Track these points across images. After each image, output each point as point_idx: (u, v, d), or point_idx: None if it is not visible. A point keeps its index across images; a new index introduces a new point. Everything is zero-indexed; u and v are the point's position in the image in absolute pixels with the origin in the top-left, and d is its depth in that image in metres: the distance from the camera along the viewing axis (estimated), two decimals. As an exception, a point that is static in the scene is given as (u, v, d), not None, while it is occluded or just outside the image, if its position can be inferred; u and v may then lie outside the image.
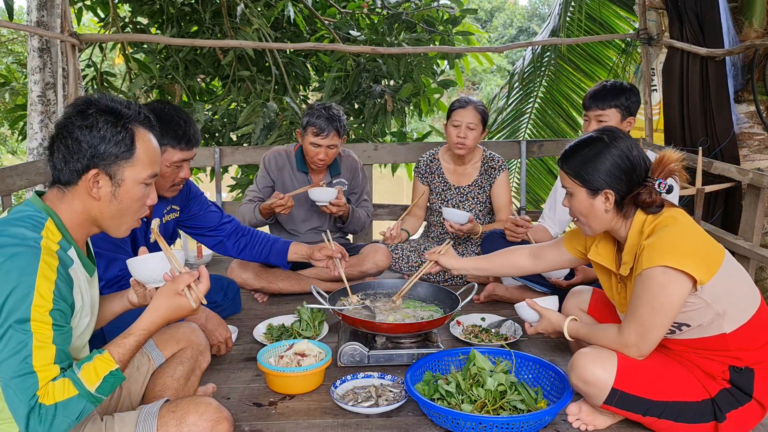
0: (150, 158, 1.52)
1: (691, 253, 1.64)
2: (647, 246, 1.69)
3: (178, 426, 1.49)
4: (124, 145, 1.47)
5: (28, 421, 1.27)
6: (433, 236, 3.49)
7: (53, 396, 1.30)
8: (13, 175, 3.01)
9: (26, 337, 1.29)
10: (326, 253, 2.57)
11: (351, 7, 5.84)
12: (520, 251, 2.28)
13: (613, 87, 2.71)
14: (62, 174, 1.46)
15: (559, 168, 1.86)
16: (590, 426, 1.88)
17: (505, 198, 3.34)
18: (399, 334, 2.32)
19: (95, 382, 1.35)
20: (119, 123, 1.46)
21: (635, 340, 1.74)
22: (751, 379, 1.73)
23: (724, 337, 1.72)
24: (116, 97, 1.52)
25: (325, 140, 2.99)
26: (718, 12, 3.57)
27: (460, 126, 3.17)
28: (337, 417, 1.97)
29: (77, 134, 1.43)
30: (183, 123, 2.18)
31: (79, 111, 1.46)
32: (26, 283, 1.30)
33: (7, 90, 5.33)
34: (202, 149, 4.23)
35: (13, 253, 1.32)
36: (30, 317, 1.29)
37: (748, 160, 3.74)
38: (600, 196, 1.78)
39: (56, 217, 1.45)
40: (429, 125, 6.23)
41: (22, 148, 10.15)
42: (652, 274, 1.66)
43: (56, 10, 3.57)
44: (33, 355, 1.29)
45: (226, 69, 5.23)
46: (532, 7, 25.86)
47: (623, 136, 1.80)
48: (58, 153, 1.45)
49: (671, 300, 1.65)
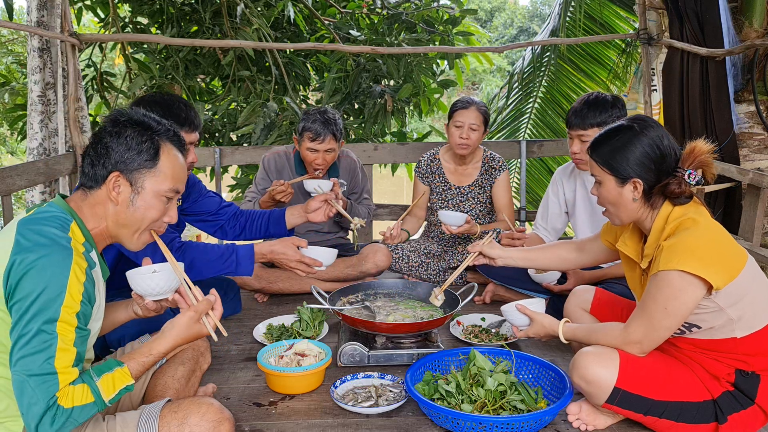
0: (173, 173, 1.57)
1: (709, 258, 1.63)
2: (666, 247, 1.67)
3: (180, 426, 1.49)
4: (147, 154, 1.53)
5: (42, 419, 1.29)
6: (433, 236, 3.50)
7: (72, 399, 1.33)
8: (13, 175, 3.01)
9: (52, 337, 1.32)
10: (320, 198, 2.53)
11: (351, 7, 5.84)
12: (566, 244, 2.26)
13: (596, 103, 2.56)
14: (88, 178, 1.53)
15: (589, 156, 1.85)
16: (590, 426, 1.88)
17: (506, 198, 3.34)
18: (399, 334, 2.32)
19: (111, 393, 1.40)
20: (146, 133, 1.54)
21: (640, 338, 1.73)
22: (756, 384, 1.72)
23: (735, 341, 1.71)
24: (149, 114, 1.60)
25: (322, 145, 2.98)
26: (718, 12, 3.57)
27: (462, 126, 3.17)
28: (337, 417, 1.97)
29: (107, 140, 1.52)
30: (184, 107, 2.25)
31: (112, 120, 1.55)
32: (59, 283, 1.34)
33: (7, 90, 5.32)
34: (202, 149, 4.23)
35: (48, 252, 1.35)
36: (59, 317, 1.33)
37: (748, 160, 3.74)
38: (629, 185, 1.77)
39: (79, 220, 1.50)
40: (429, 125, 6.23)
41: (21, 149, 10.15)
42: (669, 277, 1.65)
43: (56, 10, 3.57)
44: (56, 356, 1.32)
45: (226, 69, 5.23)
46: (532, 7, 25.87)
47: (654, 125, 1.79)
48: (88, 158, 1.53)
49: (685, 304, 1.65)
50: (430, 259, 3.32)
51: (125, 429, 1.49)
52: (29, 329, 1.30)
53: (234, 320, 2.83)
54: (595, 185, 1.88)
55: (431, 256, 3.34)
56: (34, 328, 1.30)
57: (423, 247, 3.38)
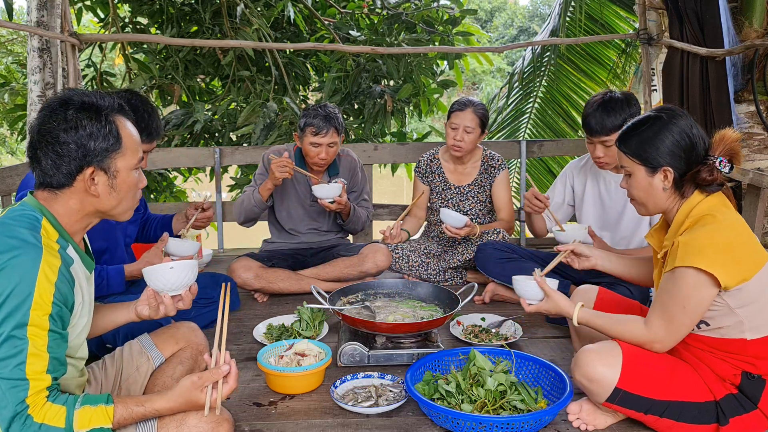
0: (134, 144, 1.55)
1: (721, 255, 1.62)
2: (682, 243, 1.67)
3: (179, 427, 1.49)
4: (112, 137, 1.47)
5: (10, 424, 1.28)
6: (433, 236, 3.49)
7: (44, 416, 1.31)
8: (13, 175, 3.01)
9: (23, 342, 1.29)
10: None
11: (351, 7, 5.84)
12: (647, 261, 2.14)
13: (612, 106, 2.56)
14: (54, 179, 1.44)
15: (617, 148, 1.85)
16: (590, 426, 1.87)
17: (506, 197, 3.35)
18: (399, 334, 2.32)
19: (84, 428, 1.35)
20: (101, 117, 1.46)
21: (662, 336, 1.73)
22: (761, 388, 1.71)
23: (744, 342, 1.71)
24: (87, 91, 1.51)
25: (325, 138, 2.99)
26: (718, 12, 3.57)
27: (457, 129, 3.18)
28: (337, 417, 1.97)
29: (63, 137, 1.42)
30: (147, 116, 2.27)
31: (58, 113, 1.43)
32: (27, 284, 1.30)
33: (7, 90, 5.33)
34: (202, 149, 4.23)
35: (16, 254, 1.32)
36: (28, 321, 1.30)
37: (748, 160, 3.74)
38: (659, 174, 1.77)
39: (51, 215, 1.45)
40: (429, 125, 6.24)
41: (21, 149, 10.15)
42: (686, 274, 1.64)
43: (56, 10, 3.57)
44: (27, 362, 1.29)
45: (226, 69, 5.23)
46: (532, 7, 25.87)
47: (682, 114, 1.79)
48: (47, 159, 1.43)
49: (701, 301, 1.65)
50: (430, 258, 3.32)
51: (124, 429, 1.49)
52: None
53: (234, 320, 2.83)
54: (624, 178, 1.87)
55: (431, 255, 3.34)
56: (4, 332, 1.28)
57: (423, 247, 3.38)
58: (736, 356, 1.73)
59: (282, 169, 2.92)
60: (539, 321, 2.79)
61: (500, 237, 3.22)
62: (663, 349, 1.76)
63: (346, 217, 3.19)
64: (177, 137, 5.12)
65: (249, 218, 3.17)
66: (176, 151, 4.21)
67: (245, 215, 3.14)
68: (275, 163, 2.93)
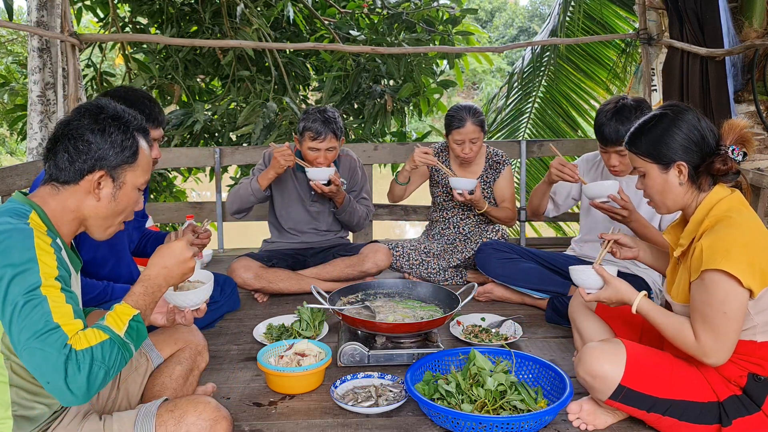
0: (146, 165, 1.60)
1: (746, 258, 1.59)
2: (706, 247, 1.64)
3: (177, 425, 1.49)
4: (130, 150, 1.53)
5: (66, 370, 1.24)
6: (434, 235, 3.50)
7: (86, 341, 1.29)
8: (13, 175, 3.01)
9: (41, 300, 1.28)
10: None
11: (351, 7, 5.84)
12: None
13: (625, 115, 2.48)
14: (64, 173, 1.48)
15: (627, 150, 1.84)
16: (591, 425, 1.87)
17: (509, 190, 3.40)
18: (399, 334, 2.32)
19: (122, 327, 1.36)
20: (128, 130, 1.53)
21: (712, 347, 1.65)
22: (766, 391, 1.69)
23: (754, 344, 1.69)
24: (120, 106, 1.58)
25: (323, 143, 2.98)
26: (718, 12, 3.57)
27: (463, 143, 3.21)
28: (337, 417, 1.97)
29: (88, 137, 1.48)
30: (149, 102, 2.28)
31: (91, 115, 1.51)
32: (26, 256, 1.31)
33: (7, 90, 5.33)
34: (202, 149, 4.23)
35: (6, 236, 1.32)
36: (41, 283, 1.30)
37: (748, 160, 3.74)
38: (673, 170, 1.76)
39: (40, 210, 1.46)
40: (429, 125, 6.23)
41: (21, 149, 10.16)
42: (716, 279, 1.61)
43: (56, 10, 3.57)
44: (52, 312, 1.28)
45: (226, 69, 5.23)
46: (532, 7, 25.89)
47: (687, 108, 1.79)
48: (64, 153, 1.48)
49: (740, 302, 1.61)
50: (431, 257, 3.33)
51: (122, 428, 1.49)
52: (15, 304, 1.27)
53: (234, 320, 2.83)
54: (639, 180, 1.86)
55: (432, 254, 3.34)
56: (19, 301, 1.27)
57: (423, 246, 3.38)
58: (745, 357, 1.72)
59: (287, 158, 2.91)
60: (539, 321, 2.79)
61: (500, 235, 3.23)
62: (717, 363, 1.66)
63: (339, 204, 3.16)
64: (177, 137, 5.12)
65: (242, 208, 3.11)
66: (176, 151, 4.21)
67: (239, 204, 3.09)
68: (279, 151, 2.92)
